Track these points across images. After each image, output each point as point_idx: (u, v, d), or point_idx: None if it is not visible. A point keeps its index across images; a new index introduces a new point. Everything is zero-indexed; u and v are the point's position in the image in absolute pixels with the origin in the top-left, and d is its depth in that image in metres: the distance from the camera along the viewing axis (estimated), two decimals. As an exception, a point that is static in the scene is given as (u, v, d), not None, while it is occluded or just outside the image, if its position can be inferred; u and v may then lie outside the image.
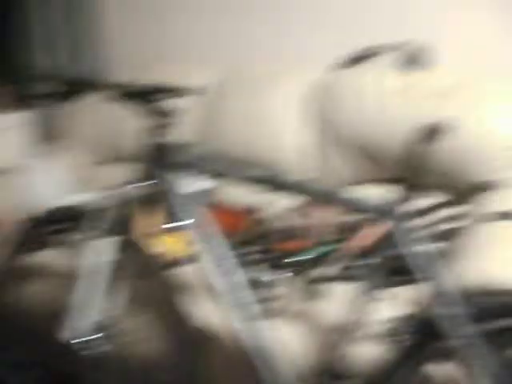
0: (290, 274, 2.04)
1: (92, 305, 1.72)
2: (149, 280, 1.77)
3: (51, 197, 2.71)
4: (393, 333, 1.69)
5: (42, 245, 2.41)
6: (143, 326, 2.03)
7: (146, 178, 1.68)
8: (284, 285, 1.97)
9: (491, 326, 1.27)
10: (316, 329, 1.82)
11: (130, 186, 1.69)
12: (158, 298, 1.76)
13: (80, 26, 3.34)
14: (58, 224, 1.90)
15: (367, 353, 1.65)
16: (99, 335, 1.77)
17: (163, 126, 1.66)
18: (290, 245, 2.16)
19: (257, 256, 2.15)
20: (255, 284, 1.94)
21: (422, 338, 1.40)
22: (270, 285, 1.95)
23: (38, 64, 3.29)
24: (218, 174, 1.59)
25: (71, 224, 1.87)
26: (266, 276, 1.98)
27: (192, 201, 1.63)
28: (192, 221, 1.61)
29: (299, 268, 2.04)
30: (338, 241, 2.15)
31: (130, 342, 2.05)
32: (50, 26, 3.29)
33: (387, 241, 1.41)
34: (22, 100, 3.26)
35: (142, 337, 2.03)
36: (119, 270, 1.80)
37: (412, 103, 2.28)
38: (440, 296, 1.32)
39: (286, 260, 2.10)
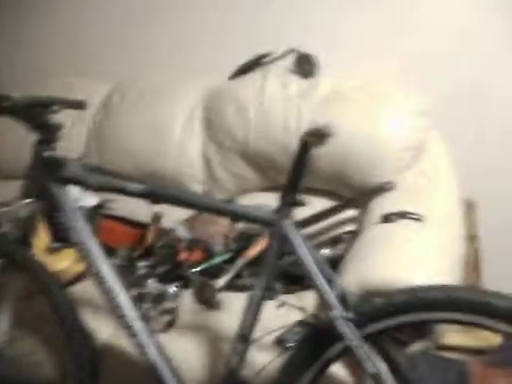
0: (182, 286, 2.03)
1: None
2: (38, 298, 1.71)
3: None
4: (285, 339, 1.72)
5: None
6: (35, 349, 1.97)
7: (33, 194, 1.63)
8: (177, 297, 1.96)
9: (374, 328, 1.30)
10: (212, 339, 1.81)
11: (17, 204, 1.63)
12: (48, 317, 1.70)
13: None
14: None
15: (264, 360, 1.65)
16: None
17: (49, 140, 1.61)
18: (184, 256, 2.15)
19: (150, 268, 2.13)
20: (147, 297, 1.92)
21: (316, 342, 1.41)
22: (162, 297, 1.93)
23: None
24: (101, 188, 1.56)
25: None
26: (159, 288, 1.96)
27: (79, 216, 1.59)
28: (80, 237, 1.56)
29: (193, 279, 2.04)
30: (231, 251, 2.16)
31: (22, 366, 1.99)
32: None
33: (276, 249, 1.42)
34: None
35: (35, 360, 1.96)
36: (6, 291, 1.74)
37: (295, 110, 2.31)
38: (328, 300, 1.33)
39: (179, 271, 2.09)
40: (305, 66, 2.48)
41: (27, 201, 1.64)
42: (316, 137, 1.33)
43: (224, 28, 2.74)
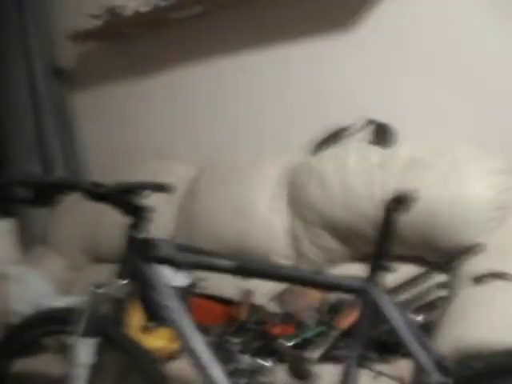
0: (277, 360, 2.02)
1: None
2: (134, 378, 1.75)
3: (35, 302, 2.71)
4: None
5: (31, 350, 2.40)
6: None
7: (127, 275, 1.69)
8: (272, 371, 1.95)
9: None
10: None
11: (113, 285, 1.69)
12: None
13: (62, 134, 3.44)
14: (44, 327, 1.88)
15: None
16: None
17: (140, 223, 1.69)
18: (276, 330, 2.15)
19: (244, 344, 2.14)
20: (243, 372, 1.93)
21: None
22: (258, 372, 1.93)
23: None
24: (194, 266, 1.60)
25: (57, 327, 1.87)
26: (254, 363, 1.96)
27: (173, 295, 1.64)
28: (174, 316, 1.61)
29: (287, 352, 2.03)
30: (324, 323, 2.15)
31: None
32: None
33: (368, 318, 1.41)
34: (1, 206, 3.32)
35: None
36: (103, 371, 1.79)
37: (378, 179, 2.32)
38: (426, 367, 1.31)
39: (273, 345, 2.08)
40: (383, 135, 2.50)
41: (122, 282, 1.70)
42: (400, 203, 1.35)
43: (300, 104, 2.81)
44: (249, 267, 1.54)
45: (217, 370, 1.56)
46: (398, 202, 1.34)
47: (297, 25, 2.75)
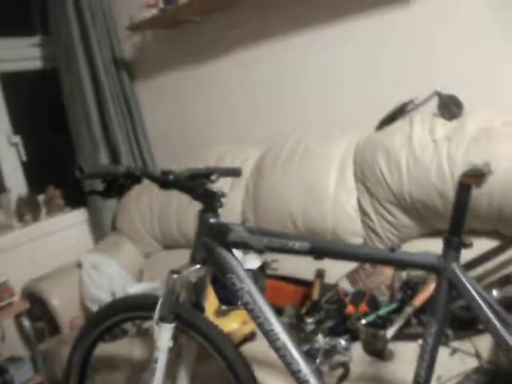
0: (352, 339, 2.03)
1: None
2: (212, 360, 1.78)
3: (110, 289, 2.78)
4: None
5: (113, 335, 2.48)
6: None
7: (201, 260, 1.72)
8: (347, 350, 1.96)
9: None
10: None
11: (188, 270, 1.72)
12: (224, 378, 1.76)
13: (126, 124, 3.52)
14: (125, 314, 1.93)
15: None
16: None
17: (212, 208, 1.71)
18: (351, 309, 2.15)
19: (318, 324, 2.15)
20: (318, 351, 1.94)
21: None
22: (333, 351, 1.94)
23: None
24: (267, 249, 1.61)
25: (135, 313, 1.92)
26: (330, 342, 1.97)
27: (247, 278, 1.65)
28: (248, 298, 1.63)
29: (362, 331, 2.03)
30: (396, 300, 2.14)
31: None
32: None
33: (443, 294, 1.40)
34: (76, 198, 3.42)
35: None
36: (183, 354, 1.83)
37: (446, 153, 2.27)
38: (507, 345, 1.29)
39: (347, 324, 2.09)
40: (449, 108, 2.45)
41: (196, 266, 1.73)
42: (475, 177, 1.33)
43: (366, 79, 2.77)
44: (322, 248, 1.55)
45: (293, 350, 1.57)
46: (474, 176, 1.32)
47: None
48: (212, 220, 1.70)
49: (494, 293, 1.97)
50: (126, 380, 2.33)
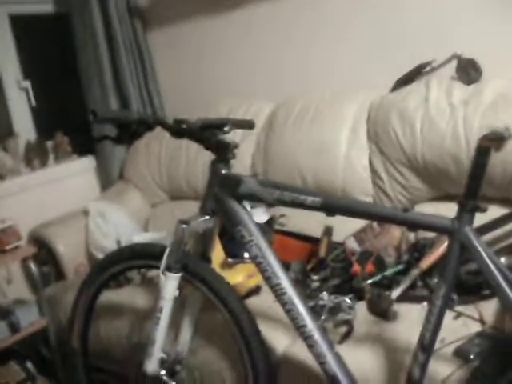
0: (357, 298, 2.04)
1: (161, 340, 1.75)
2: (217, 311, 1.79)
3: (118, 238, 2.79)
4: (466, 351, 1.67)
5: (118, 283, 2.50)
6: (215, 358, 2.05)
7: (211, 211, 1.71)
8: (352, 308, 1.97)
9: None
10: (389, 350, 1.80)
11: (196, 220, 1.71)
12: (228, 328, 1.77)
13: (138, 73, 3.48)
14: (130, 262, 1.94)
15: (444, 372, 1.62)
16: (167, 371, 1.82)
17: (224, 159, 1.70)
18: (357, 268, 2.16)
19: (323, 282, 2.16)
20: (323, 309, 1.95)
21: (504, 353, 1.37)
22: (338, 309, 1.95)
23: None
24: (278, 202, 1.60)
25: (142, 261, 1.93)
26: (334, 300, 1.98)
27: (256, 231, 1.65)
28: (257, 251, 1.62)
29: (367, 291, 2.04)
30: (403, 262, 2.14)
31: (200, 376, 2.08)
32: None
33: (454, 258, 1.39)
34: (84, 145, 3.40)
35: (216, 369, 2.05)
36: (188, 304, 1.84)
37: (462, 117, 2.25)
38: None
39: (353, 283, 2.09)
40: (468, 71, 2.42)
41: (205, 217, 1.72)
42: (495, 141, 1.31)
43: (382, 40, 2.73)
44: (334, 204, 1.54)
45: (299, 305, 1.58)
46: (494, 140, 1.30)
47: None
48: (224, 171, 1.69)
49: (502, 260, 1.97)
50: (129, 327, 2.35)
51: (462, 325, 1.82)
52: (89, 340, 2.09)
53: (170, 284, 1.72)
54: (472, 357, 1.63)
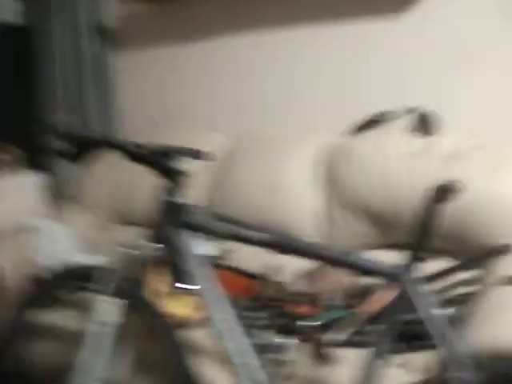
0: (299, 340, 2.02)
1: (96, 367, 1.70)
2: (157, 342, 1.75)
3: (61, 257, 2.72)
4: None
5: (52, 303, 2.42)
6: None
7: (156, 240, 1.68)
8: (294, 350, 1.94)
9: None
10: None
11: (140, 248, 1.68)
12: (165, 360, 1.74)
13: (101, 93, 3.44)
14: (69, 283, 1.89)
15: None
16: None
17: (175, 187, 1.67)
18: (301, 309, 2.14)
19: (266, 320, 2.13)
20: (264, 349, 1.92)
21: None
22: (279, 349, 1.93)
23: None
24: (227, 236, 1.59)
25: (82, 283, 1.88)
26: (276, 341, 1.96)
27: (202, 263, 1.63)
28: (202, 284, 1.60)
29: (310, 333, 2.02)
30: (349, 306, 2.14)
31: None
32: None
33: (398, 306, 1.40)
34: (33, 159, 3.34)
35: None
36: (126, 332, 1.80)
37: (419, 167, 2.28)
38: (453, 361, 1.30)
39: (296, 325, 2.08)
40: (425, 124, 2.46)
41: (153, 245, 1.69)
42: (444, 193, 1.32)
43: (347, 84, 2.77)
44: (284, 242, 1.53)
45: (242, 341, 1.56)
46: (443, 192, 1.32)
47: (347, 4, 2.70)
48: (174, 199, 1.66)
49: (448, 310, 1.98)
50: (60, 352, 2.27)
51: (404, 373, 1.82)
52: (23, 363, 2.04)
53: (107, 308, 1.68)
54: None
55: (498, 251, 2.05)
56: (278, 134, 2.81)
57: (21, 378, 2.31)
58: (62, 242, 2.85)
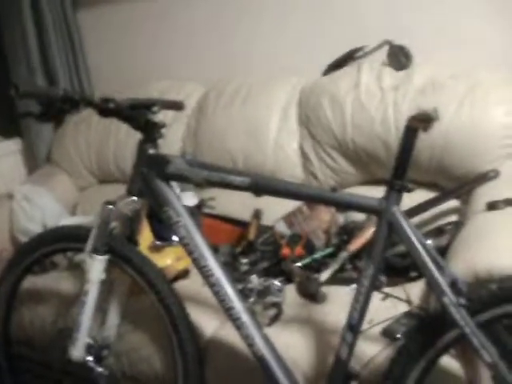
0: (286, 281, 2.04)
1: (87, 325, 1.71)
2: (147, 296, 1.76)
3: (42, 221, 2.71)
4: (392, 330, 1.70)
5: (43, 268, 2.42)
6: (143, 343, 2.02)
7: (138, 192, 1.67)
8: (281, 291, 1.96)
9: (488, 315, 1.27)
10: (317, 332, 1.81)
11: (123, 202, 1.67)
12: (155, 313, 1.74)
13: (67, 51, 3.37)
14: (55, 245, 1.88)
15: (371, 352, 1.65)
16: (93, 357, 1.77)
17: (154, 139, 1.65)
18: (285, 251, 2.15)
19: (251, 265, 2.15)
20: (251, 292, 1.94)
21: (427, 331, 1.38)
22: (266, 292, 1.94)
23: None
24: (208, 183, 1.58)
25: (68, 245, 1.88)
26: (262, 283, 1.97)
27: (183, 213, 1.62)
28: (184, 233, 1.59)
29: (296, 274, 2.04)
30: (332, 245, 2.16)
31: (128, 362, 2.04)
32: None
33: (384, 238, 1.40)
34: (10, 126, 3.29)
35: (143, 354, 2.01)
36: (115, 288, 1.80)
37: (392, 102, 2.28)
38: (437, 289, 1.31)
39: (282, 266, 2.09)
40: (399, 58, 2.44)
41: (132, 198, 1.68)
42: (423, 121, 1.31)
43: (315, 25, 2.72)
44: (262, 184, 1.52)
45: (227, 287, 1.56)
46: (422, 120, 1.31)
47: None
48: (151, 151, 1.64)
49: (429, 241, 2.00)
50: (54, 313, 2.28)
51: (389, 306, 1.85)
52: (11, 327, 2.03)
53: (96, 267, 1.67)
54: (398, 336, 1.66)
55: (485, 177, 2.06)
56: (251, 79, 2.77)
57: (25, 344, 2.33)
58: (44, 206, 2.83)
